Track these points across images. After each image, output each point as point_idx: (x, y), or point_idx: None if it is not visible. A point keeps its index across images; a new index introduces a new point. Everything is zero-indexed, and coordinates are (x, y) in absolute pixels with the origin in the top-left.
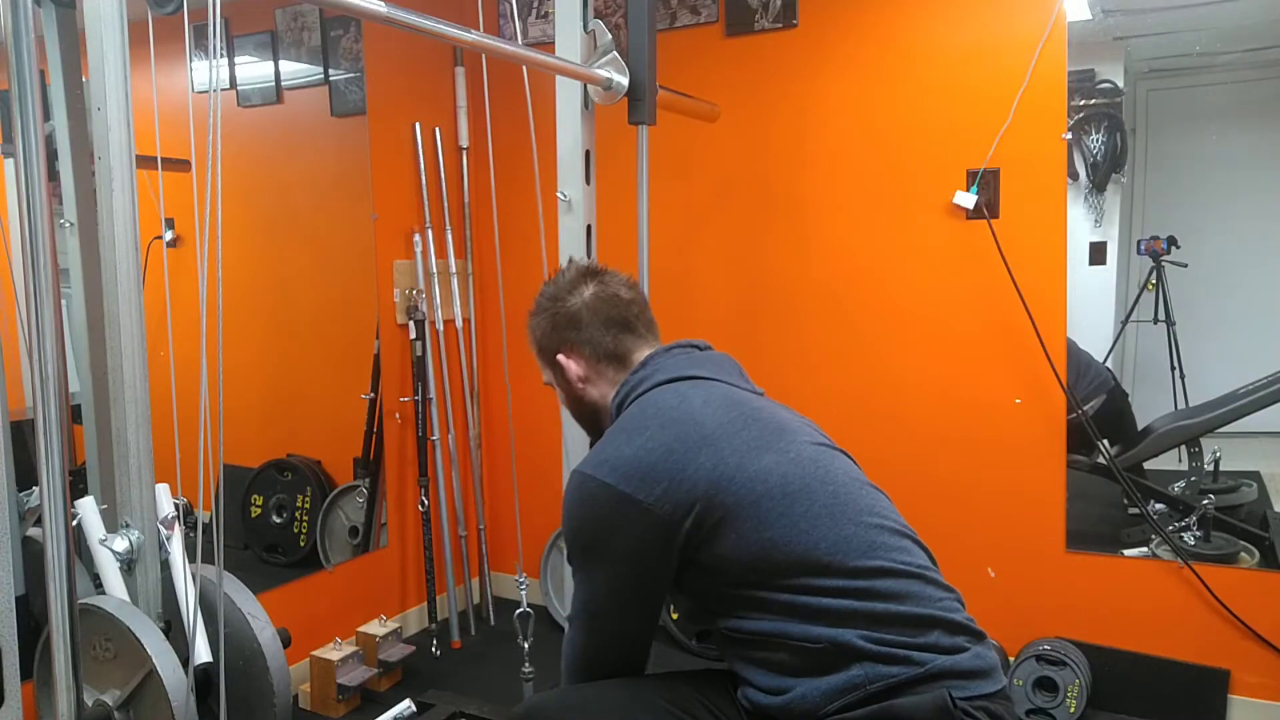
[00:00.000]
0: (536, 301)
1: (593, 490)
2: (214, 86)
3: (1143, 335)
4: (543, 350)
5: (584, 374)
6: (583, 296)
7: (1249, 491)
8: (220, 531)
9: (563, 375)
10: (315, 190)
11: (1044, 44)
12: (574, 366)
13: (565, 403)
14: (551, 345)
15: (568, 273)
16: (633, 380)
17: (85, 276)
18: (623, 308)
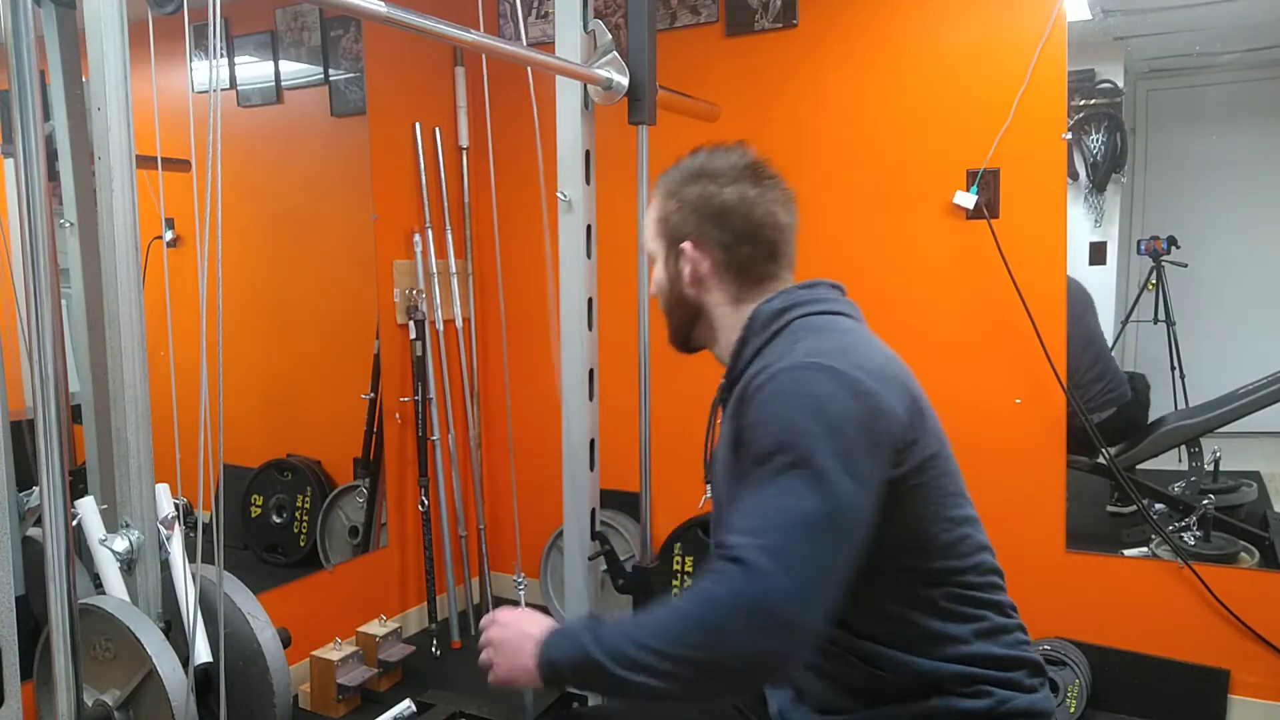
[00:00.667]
0: (682, 168)
1: (808, 376)
2: (214, 86)
3: (1143, 335)
4: (666, 226)
5: (702, 276)
6: (742, 193)
7: (1249, 491)
8: (220, 531)
9: (675, 265)
10: (315, 190)
11: (1044, 44)
12: (696, 263)
13: (659, 290)
14: (682, 228)
15: (730, 155)
16: (802, 295)
17: (85, 276)
18: (778, 232)
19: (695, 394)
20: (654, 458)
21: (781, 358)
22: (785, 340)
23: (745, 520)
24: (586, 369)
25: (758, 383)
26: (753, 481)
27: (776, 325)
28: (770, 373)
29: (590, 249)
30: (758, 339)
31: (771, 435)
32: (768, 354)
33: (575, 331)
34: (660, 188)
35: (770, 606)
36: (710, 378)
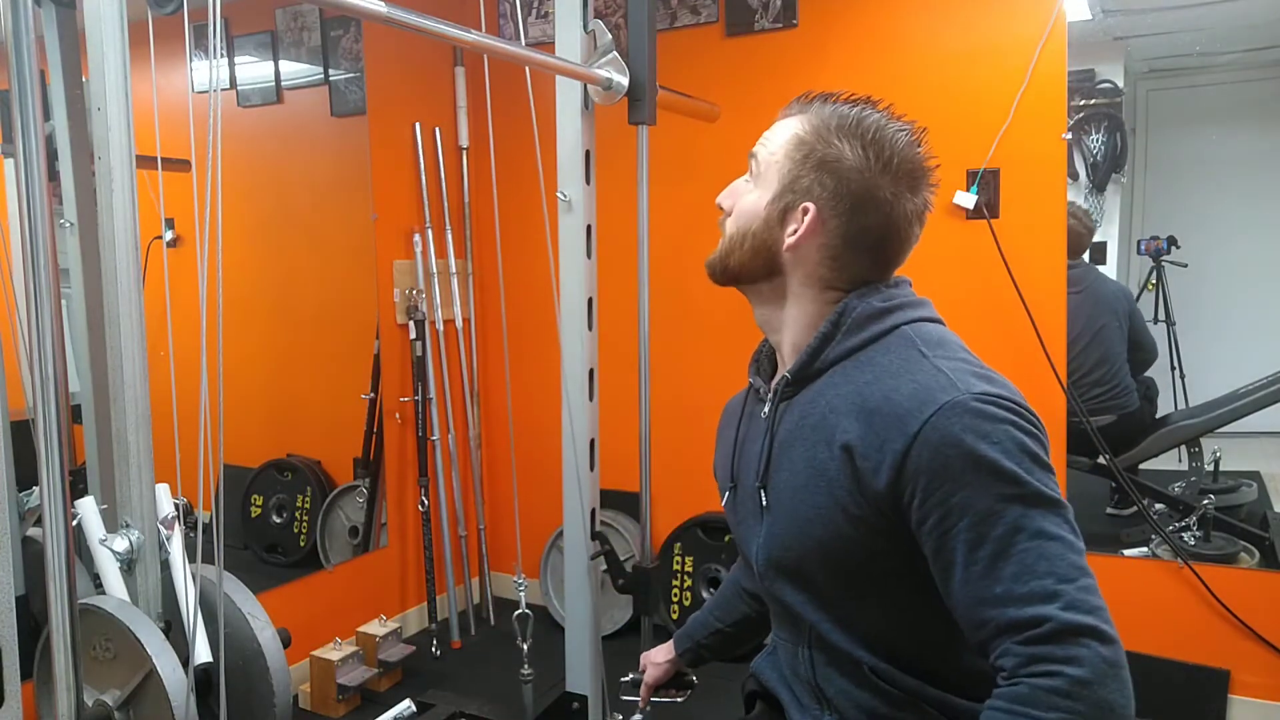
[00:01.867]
0: (853, 115)
1: (1011, 410)
2: (214, 86)
3: None
4: (798, 169)
5: (803, 247)
6: (898, 196)
7: (1249, 491)
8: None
9: (782, 214)
10: (315, 190)
11: (1044, 44)
12: (807, 234)
13: (741, 215)
14: (815, 188)
15: (905, 136)
16: (900, 296)
17: (85, 276)
18: (904, 249)
19: (695, 394)
20: (654, 458)
21: (937, 383)
22: (901, 351)
23: (1036, 582)
24: (586, 369)
25: (933, 421)
26: (993, 535)
27: (877, 328)
28: (948, 407)
29: (590, 249)
30: (851, 339)
31: (999, 481)
32: (881, 363)
33: (575, 331)
34: (815, 114)
35: (1123, 662)
36: (711, 378)
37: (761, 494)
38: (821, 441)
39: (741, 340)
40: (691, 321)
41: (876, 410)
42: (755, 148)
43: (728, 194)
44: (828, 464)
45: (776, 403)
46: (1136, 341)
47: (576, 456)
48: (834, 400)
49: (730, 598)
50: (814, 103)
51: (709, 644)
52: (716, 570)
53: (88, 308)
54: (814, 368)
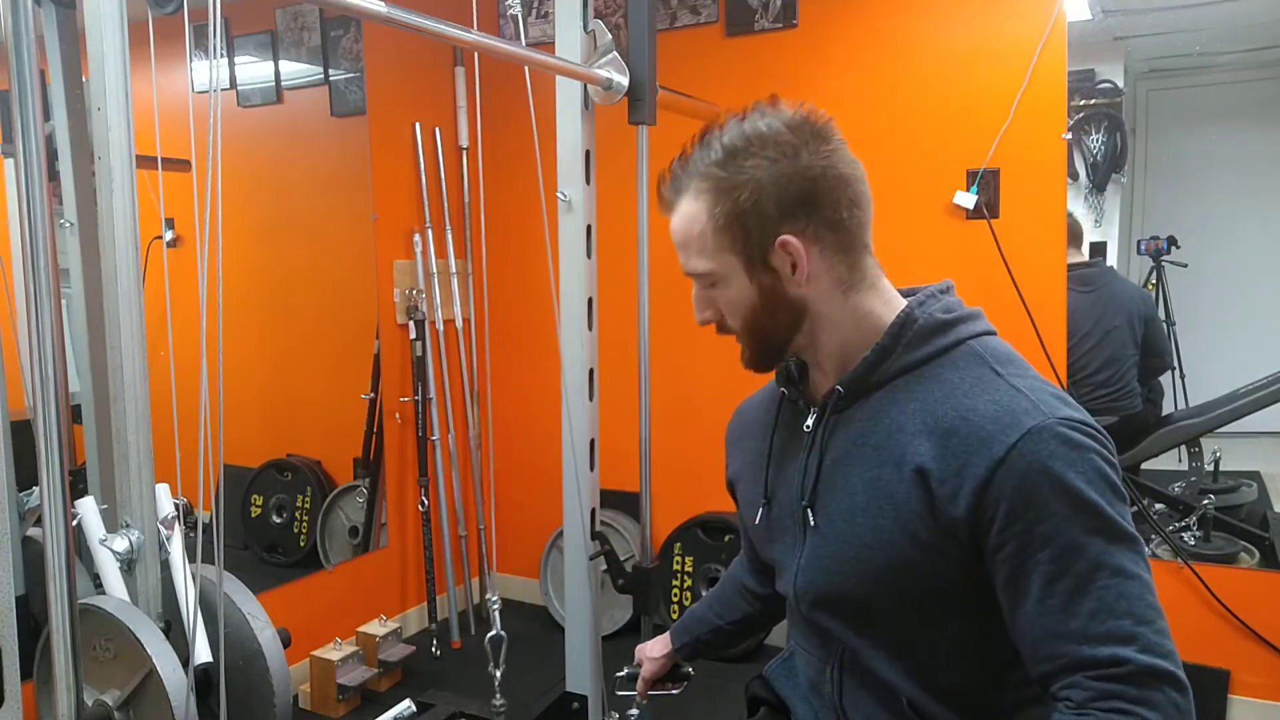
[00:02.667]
0: (716, 152)
1: (1081, 440)
2: (214, 86)
3: None
4: (736, 229)
5: (812, 269)
6: (822, 154)
7: (1249, 491)
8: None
9: (767, 270)
10: (315, 190)
11: (1044, 44)
12: (801, 257)
13: (733, 312)
14: (765, 223)
15: (775, 117)
16: (959, 306)
17: (85, 276)
18: (865, 188)
19: (695, 394)
20: (654, 458)
21: (1019, 405)
22: (973, 368)
23: (1115, 622)
24: (586, 369)
25: (1020, 446)
26: (1074, 569)
27: (941, 341)
28: (1035, 431)
29: (590, 249)
30: (914, 353)
31: (1084, 513)
32: (952, 381)
33: (575, 331)
34: (693, 187)
35: (1193, 711)
36: (711, 378)
37: (808, 513)
38: (888, 463)
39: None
40: (691, 322)
41: (953, 432)
42: (684, 264)
43: (700, 308)
44: (895, 486)
45: (826, 416)
46: (1151, 347)
47: (576, 456)
48: (900, 419)
49: (731, 595)
50: (678, 178)
51: (707, 640)
52: (716, 570)
53: (88, 308)
54: (871, 381)
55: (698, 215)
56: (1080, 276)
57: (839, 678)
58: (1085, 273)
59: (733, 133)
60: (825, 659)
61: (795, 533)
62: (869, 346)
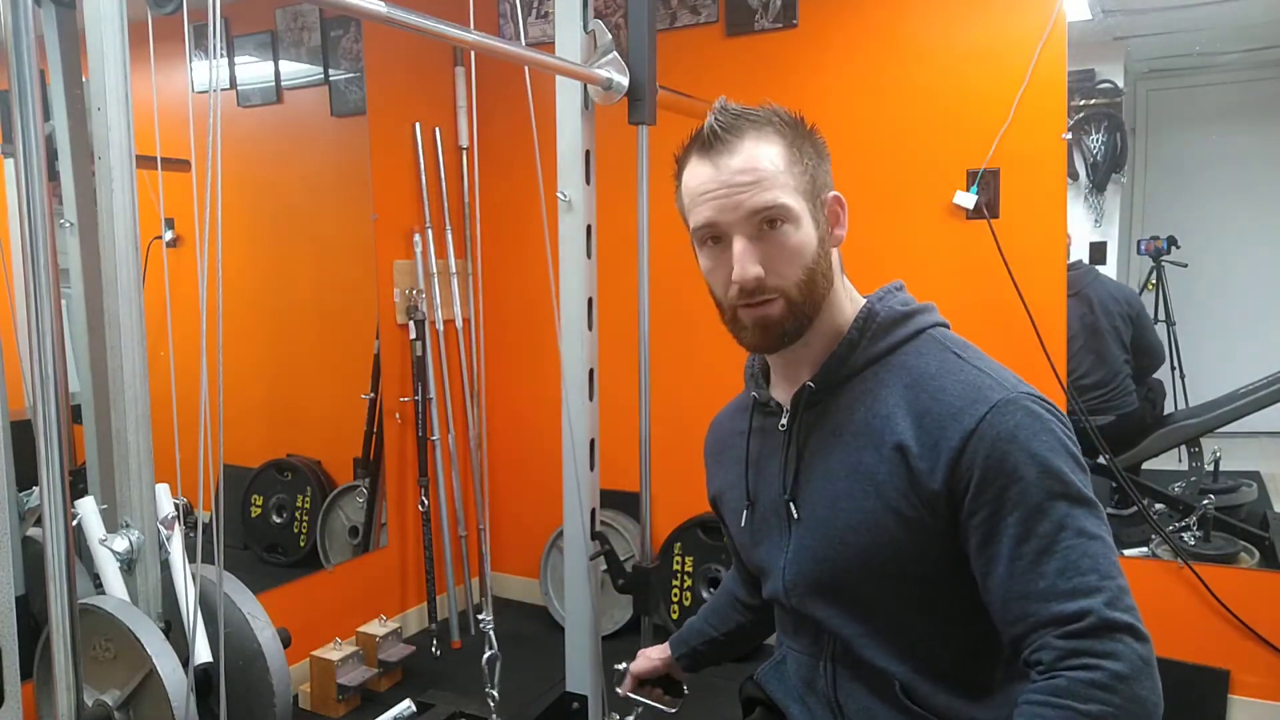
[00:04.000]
0: (780, 114)
1: (1040, 411)
2: (214, 86)
3: None
4: (804, 173)
5: (841, 231)
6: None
7: (1249, 491)
8: (220, 531)
9: (824, 219)
10: (315, 190)
11: (1044, 44)
12: (845, 214)
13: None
14: (819, 176)
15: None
16: (913, 299)
17: (85, 276)
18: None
19: (695, 394)
20: (654, 458)
21: (985, 382)
22: (936, 353)
23: (1080, 578)
24: (586, 369)
25: (989, 418)
26: (1040, 530)
27: (902, 332)
28: (1001, 404)
29: (590, 249)
30: (878, 344)
31: (1049, 478)
32: (918, 367)
33: (575, 331)
34: (761, 129)
35: (1154, 661)
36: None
37: (791, 507)
38: (868, 445)
39: None
40: (691, 321)
41: (927, 410)
42: (751, 200)
43: (749, 261)
44: (876, 467)
45: (799, 413)
46: (1141, 346)
47: (576, 456)
48: (874, 405)
49: (724, 608)
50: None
51: (703, 650)
52: (716, 570)
53: (88, 308)
54: (841, 374)
55: (774, 153)
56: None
57: (832, 671)
58: (1069, 276)
59: (776, 108)
60: (817, 655)
61: (780, 529)
62: (837, 340)
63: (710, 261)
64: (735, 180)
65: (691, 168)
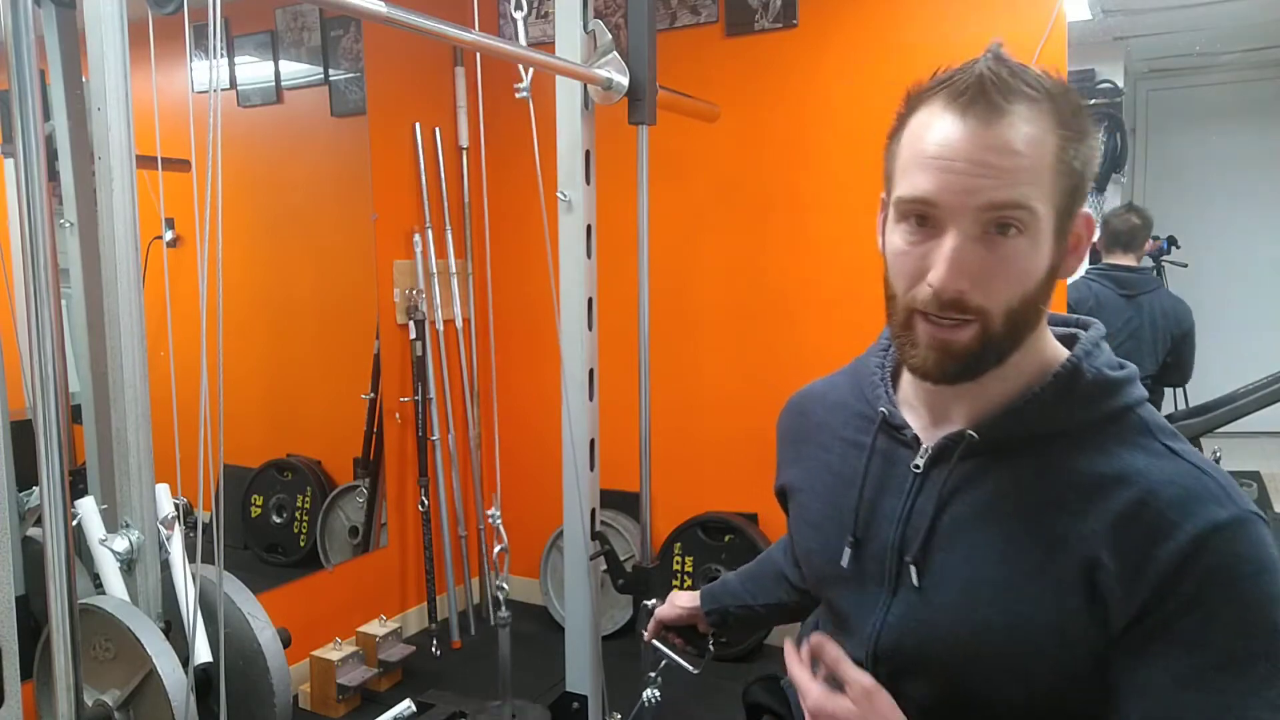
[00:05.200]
0: (1071, 93)
1: (1271, 543)
2: (214, 86)
3: None
4: (1068, 181)
5: (1077, 261)
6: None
7: (1249, 492)
8: (220, 531)
9: (1064, 241)
10: (315, 190)
11: (1044, 44)
12: (1086, 242)
13: (1022, 276)
14: (1085, 190)
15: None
16: (1120, 370)
17: (85, 276)
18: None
19: (695, 394)
20: (654, 458)
21: (1206, 490)
22: (1143, 441)
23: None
24: (586, 369)
25: (1211, 542)
26: (1220, 684)
27: (1112, 406)
28: (1237, 524)
29: (590, 249)
30: (1080, 413)
31: (1258, 631)
32: (1120, 455)
33: (575, 331)
34: (1038, 107)
35: None
36: (711, 378)
37: (912, 571)
38: (1039, 544)
39: (741, 340)
40: (691, 321)
41: (1133, 519)
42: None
43: (959, 271)
44: (1044, 571)
45: (950, 462)
46: (1177, 361)
47: (576, 456)
48: (1056, 490)
49: (768, 580)
50: (1013, 84)
51: (736, 614)
52: (716, 570)
53: (88, 308)
54: (1015, 435)
55: (1044, 140)
56: (1121, 279)
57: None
58: (1128, 277)
59: (1065, 85)
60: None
61: (881, 583)
62: (1028, 387)
63: (905, 244)
64: (983, 157)
65: (932, 114)
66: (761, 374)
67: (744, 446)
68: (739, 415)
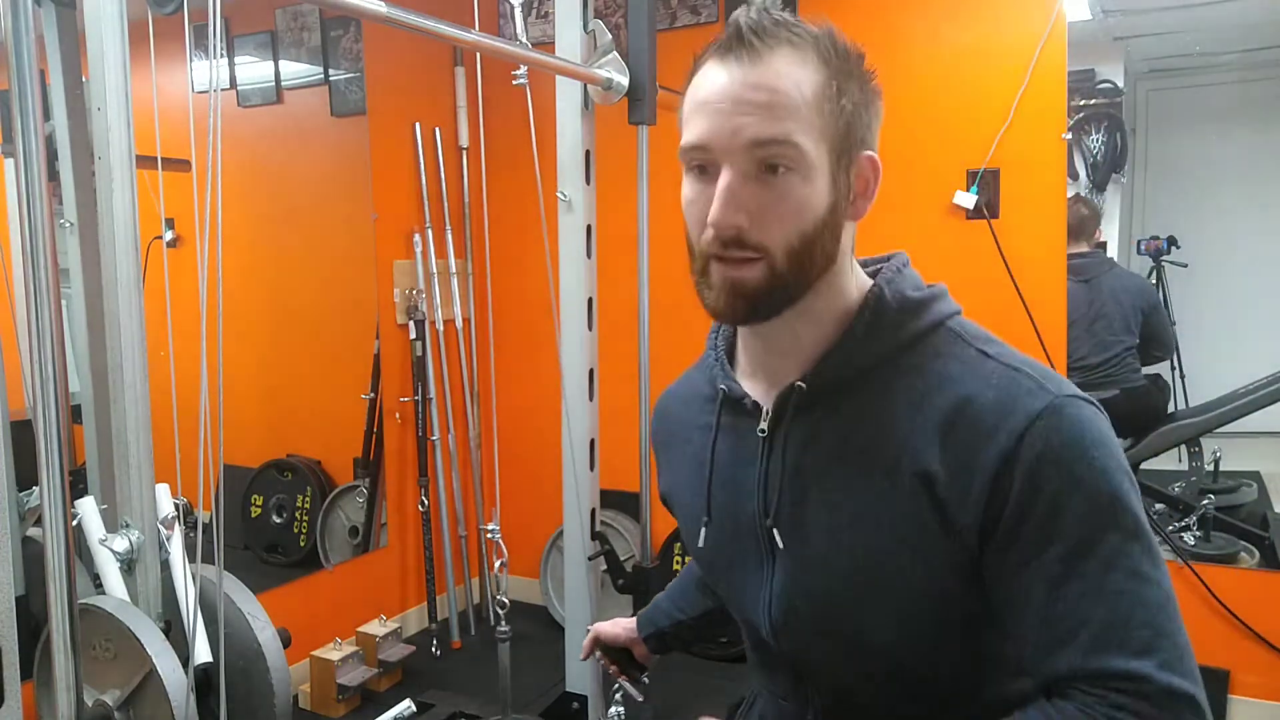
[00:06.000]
0: (839, 40)
1: (1097, 419)
2: (214, 86)
3: None
4: (840, 119)
5: (863, 206)
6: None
7: (1249, 491)
8: (220, 531)
9: (846, 178)
10: (315, 190)
11: (1044, 44)
12: (874, 183)
13: (803, 213)
14: (858, 128)
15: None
16: (940, 287)
17: (85, 276)
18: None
19: None
20: (654, 458)
21: (1021, 386)
22: (958, 351)
23: (1132, 632)
24: (586, 369)
25: (1030, 435)
26: (1086, 569)
27: (917, 325)
28: (1045, 414)
29: (590, 249)
30: (887, 340)
31: (1100, 505)
32: (937, 369)
33: (575, 331)
34: (800, 49)
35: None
36: None
37: (774, 534)
38: (877, 470)
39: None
40: (692, 321)
41: (953, 425)
42: (760, 129)
43: (733, 206)
44: (888, 495)
45: (786, 419)
46: (1153, 337)
47: (576, 456)
48: (884, 417)
49: (689, 589)
50: (773, 30)
51: (671, 633)
52: None
53: (88, 308)
54: (840, 375)
55: (806, 80)
56: (1076, 267)
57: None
58: (1081, 263)
59: (838, 35)
60: (803, 705)
61: (758, 556)
62: (840, 327)
63: (691, 193)
64: (744, 96)
65: (703, 71)
66: None
67: None
68: None
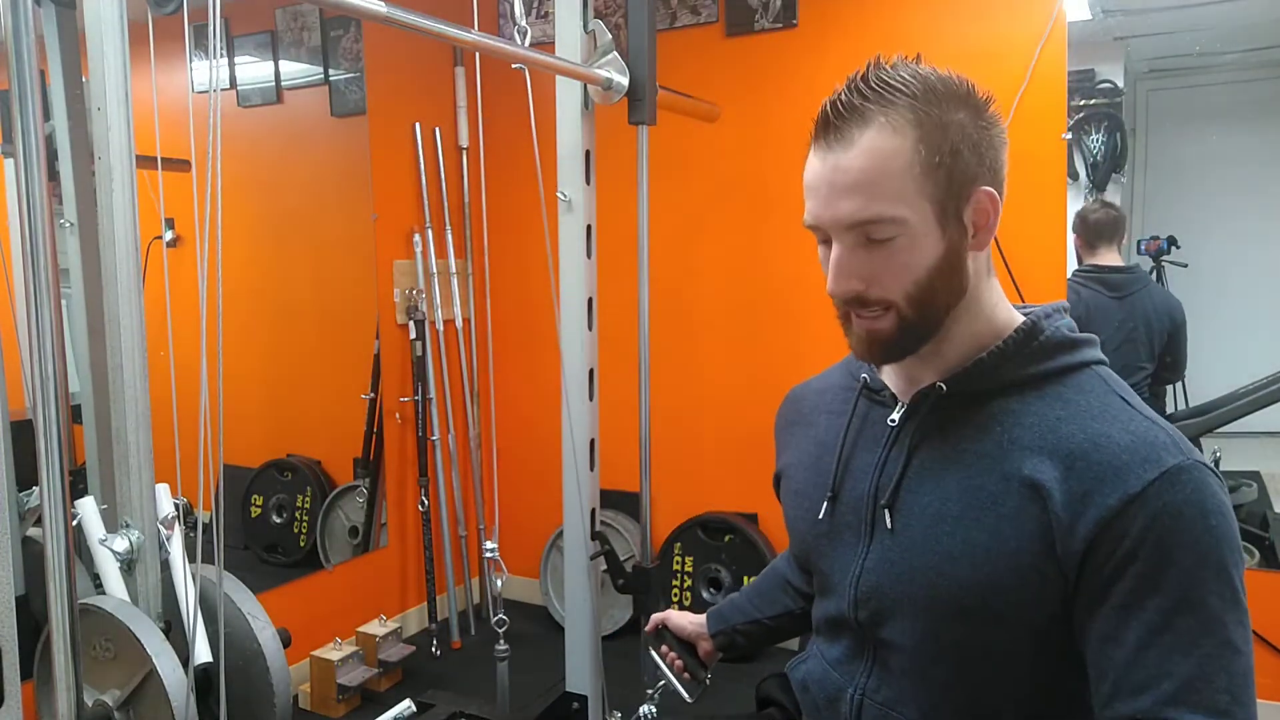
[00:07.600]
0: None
1: (1214, 487)
2: (214, 86)
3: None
4: (939, 169)
5: (986, 236)
6: (1003, 131)
7: (1249, 491)
8: (220, 531)
9: (957, 224)
10: (315, 190)
11: (1044, 44)
12: (993, 217)
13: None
14: (969, 169)
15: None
16: (1079, 334)
17: (85, 276)
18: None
19: (695, 393)
20: (654, 458)
21: (1158, 440)
22: (1100, 394)
23: (1213, 695)
24: (586, 369)
25: (1158, 485)
26: (1182, 625)
27: (1068, 360)
28: (1175, 472)
29: (590, 249)
30: (1037, 365)
31: (1209, 570)
32: (1077, 403)
33: (575, 331)
34: (890, 119)
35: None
36: (711, 378)
37: (885, 514)
38: (993, 472)
39: (741, 340)
40: (691, 321)
41: (1081, 456)
42: (857, 210)
43: (845, 274)
44: (1000, 498)
45: (919, 414)
46: (1171, 359)
47: (576, 456)
48: (1015, 432)
49: (772, 589)
50: (862, 109)
51: (744, 631)
52: (716, 570)
53: (88, 308)
54: (981, 386)
55: (898, 151)
56: (1111, 281)
57: (858, 704)
58: (1117, 278)
59: (921, 71)
60: (848, 678)
61: (859, 533)
62: (985, 347)
63: (821, 256)
64: (836, 180)
65: (810, 153)
66: (761, 374)
67: (744, 446)
68: (739, 415)
